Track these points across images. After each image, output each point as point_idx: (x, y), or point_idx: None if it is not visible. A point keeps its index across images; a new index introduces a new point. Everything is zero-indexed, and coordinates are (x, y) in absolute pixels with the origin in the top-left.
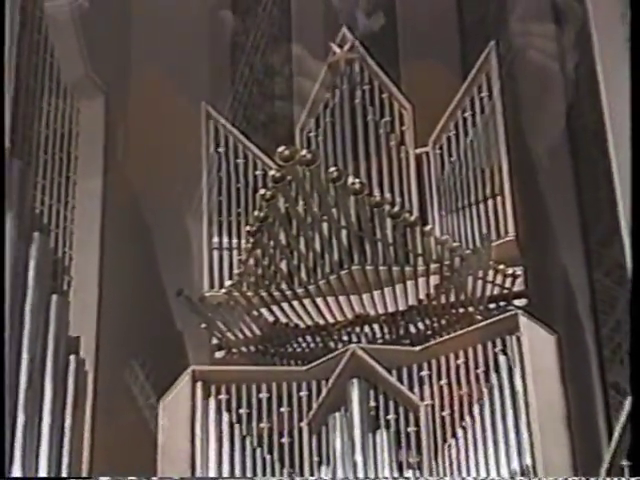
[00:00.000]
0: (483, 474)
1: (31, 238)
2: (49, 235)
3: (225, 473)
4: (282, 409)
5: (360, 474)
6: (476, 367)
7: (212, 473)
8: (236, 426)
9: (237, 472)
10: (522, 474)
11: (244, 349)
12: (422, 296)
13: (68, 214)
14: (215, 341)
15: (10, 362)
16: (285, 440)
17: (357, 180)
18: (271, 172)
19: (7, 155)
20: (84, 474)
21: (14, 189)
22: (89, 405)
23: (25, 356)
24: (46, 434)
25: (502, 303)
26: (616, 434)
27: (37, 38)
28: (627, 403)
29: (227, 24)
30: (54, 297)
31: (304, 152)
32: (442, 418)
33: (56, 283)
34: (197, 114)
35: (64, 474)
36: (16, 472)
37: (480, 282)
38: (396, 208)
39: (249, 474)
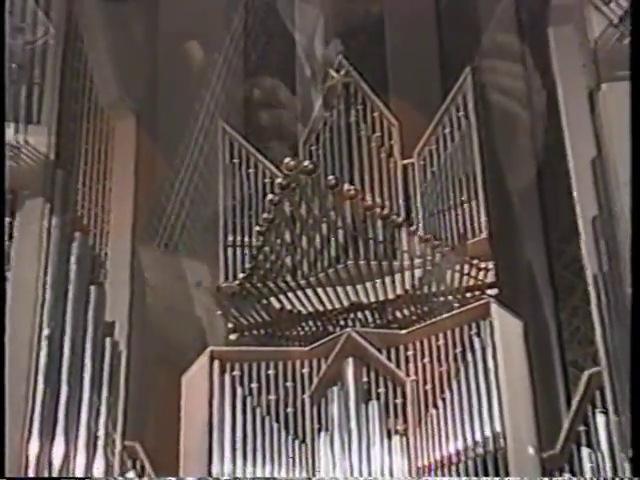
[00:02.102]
0: (460, 439)
1: (73, 237)
2: (88, 235)
3: (238, 438)
4: (287, 384)
5: (354, 440)
6: (454, 347)
7: (227, 438)
8: (248, 398)
9: (249, 436)
10: (494, 439)
11: (255, 332)
12: (408, 287)
13: (105, 216)
14: (230, 325)
15: (54, 344)
16: (290, 410)
17: (352, 187)
18: (278, 180)
19: (52, 166)
20: (118, 438)
21: (58, 195)
22: (122, 380)
23: (67, 339)
24: (86, 404)
25: (476, 292)
26: (574, 405)
27: (77, 66)
28: (583, 378)
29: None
30: (92, 287)
31: (306, 163)
32: (425, 391)
33: (94, 275)
34: (214, 130)
35: (101, 435)
36: (59, 433)
37: (457, 275)
38: (385, 211)
39: (259, 440)
